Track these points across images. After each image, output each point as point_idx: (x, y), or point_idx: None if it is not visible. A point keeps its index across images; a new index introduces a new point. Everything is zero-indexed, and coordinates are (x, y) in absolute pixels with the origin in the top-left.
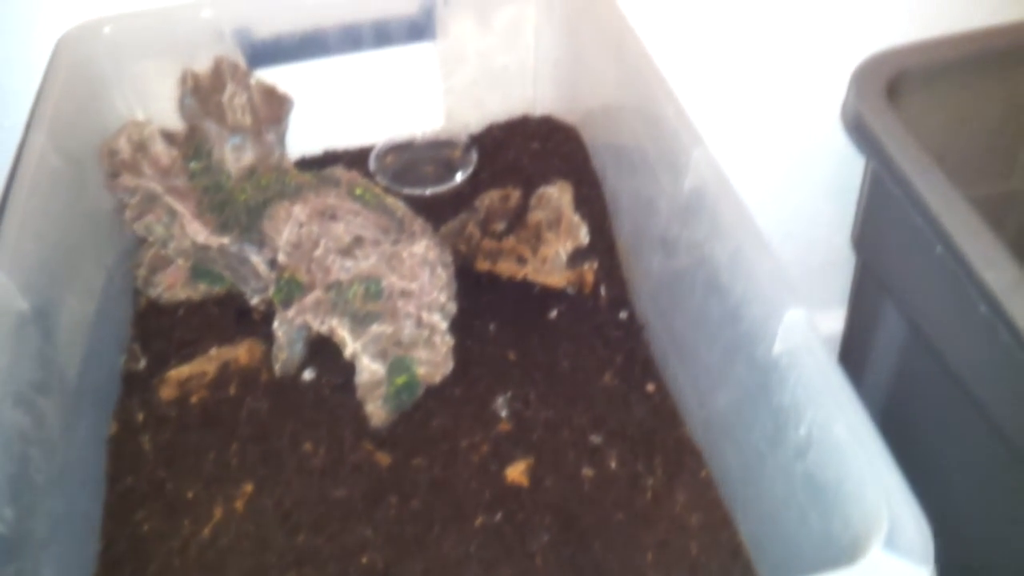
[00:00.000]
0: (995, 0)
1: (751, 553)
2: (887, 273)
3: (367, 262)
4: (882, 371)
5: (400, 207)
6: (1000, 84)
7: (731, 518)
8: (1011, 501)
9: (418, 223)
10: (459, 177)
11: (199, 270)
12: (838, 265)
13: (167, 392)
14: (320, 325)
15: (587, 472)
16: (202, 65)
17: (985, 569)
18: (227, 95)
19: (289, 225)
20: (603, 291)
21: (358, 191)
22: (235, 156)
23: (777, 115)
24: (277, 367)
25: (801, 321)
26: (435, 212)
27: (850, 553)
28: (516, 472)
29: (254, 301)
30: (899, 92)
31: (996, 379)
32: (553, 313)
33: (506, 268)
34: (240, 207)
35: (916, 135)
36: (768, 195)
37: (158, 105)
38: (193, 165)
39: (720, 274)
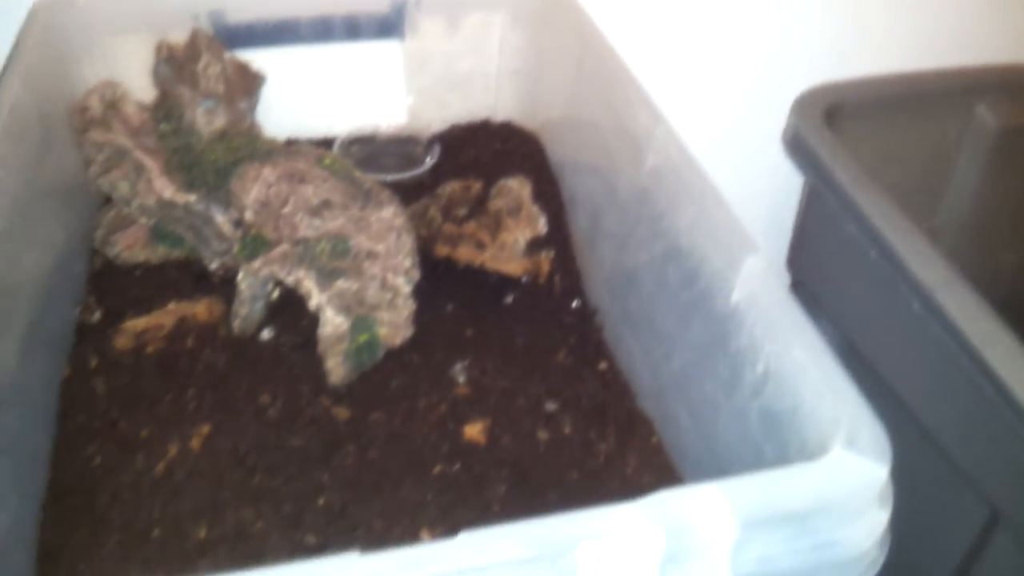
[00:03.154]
0: (926, 46)
1: None
2: (820, 287)
3: (335, 222)
4: None
5: (367, 180)
6: (927, 126)
7: (683, 478)
8: (944, 511)
9: (385, 194)
10: (422, 167)
11: (159, 232)
12: None
13: (122, 342)
14: (287, 276)
15: (542, 435)
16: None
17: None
18: (201, 64)
19: (258, 185)
20: (557, 280)
21: (327, 161)
22: (207, 119)
23: (716, 151)
24: (236, 324)
25: (759, 267)
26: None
27: None
28: (474, 431)
29: (213, 266)
30: (835, 123)
31: (926, 380)
32: (509, 299)
33: (465, 253)
34: (208, 167)
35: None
36: None
37: (127, 82)
38: (164, 126)
39: (680, 239)
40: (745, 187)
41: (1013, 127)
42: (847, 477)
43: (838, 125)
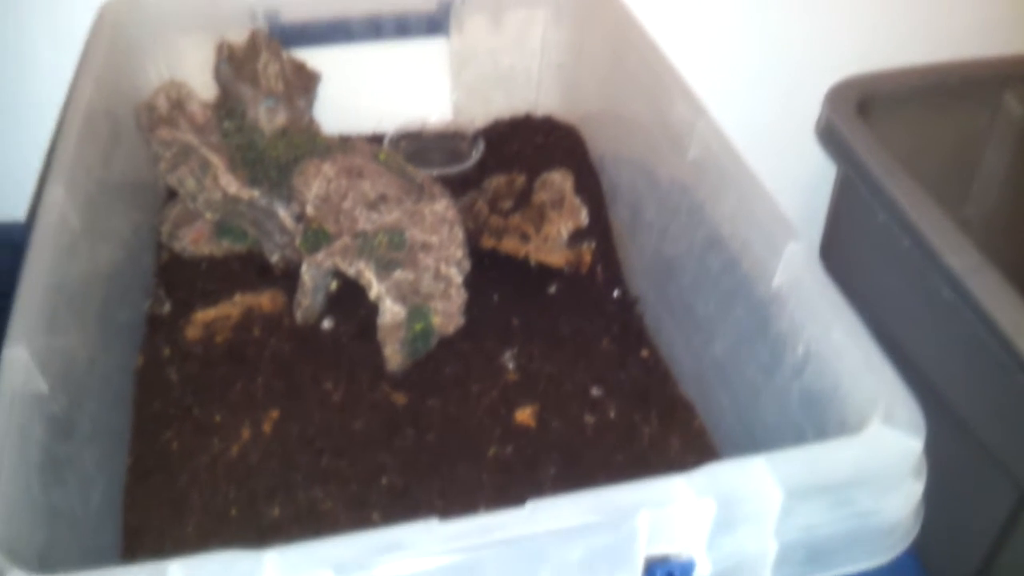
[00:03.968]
0: (954, 37)
1: None
2: (853, 275)
3: (391, 216)
4: None
5: (420, 174)
6: (956, 115)
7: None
8: (975, 493)
9: (437, 187)
10: (468, 162)
11: (223, 227)
12: None
13: (192, 332)
14: (348, 267)
15: (589, 419)
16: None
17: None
18: (261, 63)
19: (318, 180)
20: (599, 270)
21: (382, 156)
22: (268, 117)
23: (751, 141)
24: (299, 314)
25: (800, 253)
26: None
27: None
28: (524, 415)
29: (274, 259)
30: (867, 113)
31: (957, 365)
32: (552, 288)
33: (510, 245)
34: (271, 163)
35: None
36: None
37: (188, 79)
38: (227, 124)
39: (721, 227)
40: (779, 177)
41: None
42: (885, 450)
43: (870, 116)
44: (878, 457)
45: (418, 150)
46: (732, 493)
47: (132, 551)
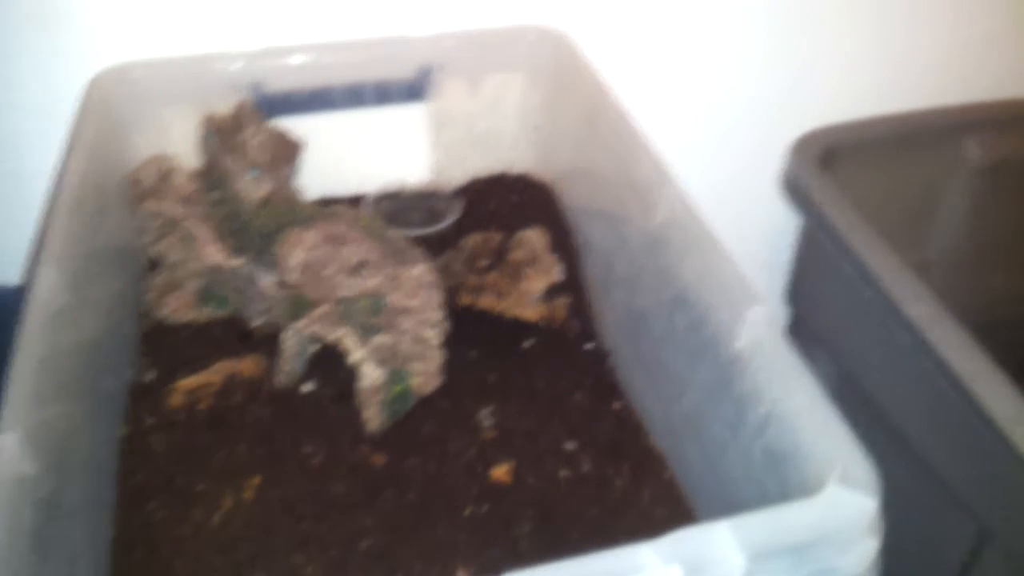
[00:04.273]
0: (915, 87)
1: None
2: (818, 322)
3: (372, 281)
4: None
5: (400, 238)
6: (918, 162)
7: (694, 510)
8: (937, 531)
9: (416, 251)
10: (446, 221)
11: (206, 294)
12: None
13: (175, 400)
14: (329, 335)
15: (563, 474)
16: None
17: None
18: (246, 135)
19: (300, 248)
20: (573, 324)
21: (363, 222)
22: (253, 187)
23: (719, 191)
24: (279, 379)
25: (762, 317)
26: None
27: None
28: (500, 472)
29: (256, 323)
30: (831, 164)
31: (918, 408)
32: (527, 343)
33: (487, 302)
34: (255, 233)
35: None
36: None
37: (173, 147)
38: (213, 194)
39: (687, 288)
40: (746, 226)
41: (999, 160)
42: (841, 511)
43: (834, 166)
44: (835, 518)
45: (398, 210)
46: (697, 559)
47: None
